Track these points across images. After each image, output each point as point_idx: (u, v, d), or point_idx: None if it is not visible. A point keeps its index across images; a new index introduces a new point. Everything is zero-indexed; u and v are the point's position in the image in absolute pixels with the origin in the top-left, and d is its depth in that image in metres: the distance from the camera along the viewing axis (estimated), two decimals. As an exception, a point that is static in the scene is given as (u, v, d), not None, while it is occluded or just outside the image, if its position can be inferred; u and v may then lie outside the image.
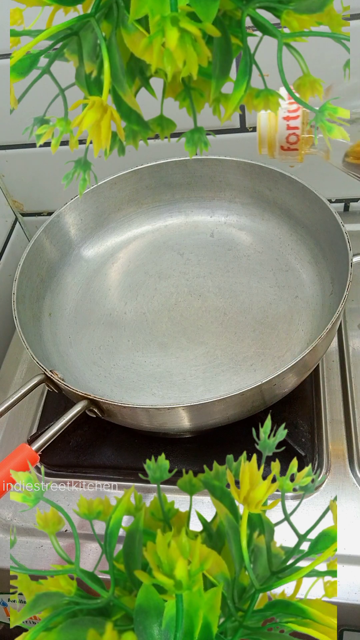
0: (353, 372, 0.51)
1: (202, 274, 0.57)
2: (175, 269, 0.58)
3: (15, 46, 0.25)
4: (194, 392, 0.48)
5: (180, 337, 0.52)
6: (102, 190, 0.57)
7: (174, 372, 0.50)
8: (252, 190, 0.57)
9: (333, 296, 0.49)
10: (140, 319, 0.55)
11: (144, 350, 0.52)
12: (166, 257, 0.60)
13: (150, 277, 0.58)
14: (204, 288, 0.56)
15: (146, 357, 0.51)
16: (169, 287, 0.57)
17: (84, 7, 0.24)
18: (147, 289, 0.57)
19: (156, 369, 0.50)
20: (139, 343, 0.53)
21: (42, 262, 0.55)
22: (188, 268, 0.58)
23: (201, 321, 0.53)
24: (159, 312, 0.55)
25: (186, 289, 0.56)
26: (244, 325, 0.52)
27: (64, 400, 0.50)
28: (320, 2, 0.22)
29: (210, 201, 0.60)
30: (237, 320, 0.53)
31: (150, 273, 0.59)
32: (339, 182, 0.63)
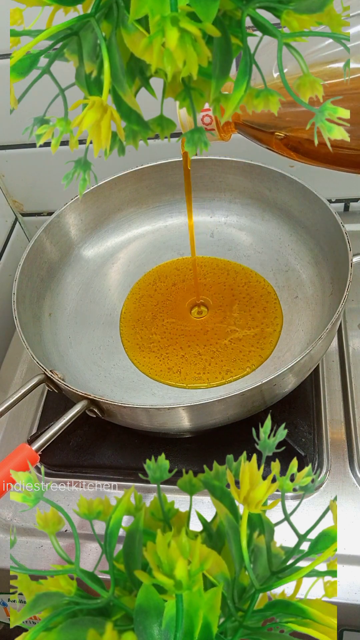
0: (353, 372, 0.51)
1: (202, 274, 0.57)
2: (175, 269, 0.58)
3: (15, 46, 0.25)
4: (194, 392, 0.48)
5: (180, 336, 0.52)
6: (102, 191, 0.57)
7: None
8: (252, 190, 0.57)
9: (333, 296, 0.49)
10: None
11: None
12: (166, 257, 0.60)
13: (150, 278, 0.58)
14: (204, 288, 0.56)
15: (146, 356, 0.51)
16: (168, 287, 0.57)
17: (84, 7, 0.24)
18: (147, 289, 0.57)
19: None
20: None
21: (42, 262, 0.55)
22: (188, 268, 0.58)
23: (201, 321, 0.53)
24: (159, 312, 0.55)
25: (185, 288, 0.56)
26: (244, 325, 0.52)
27: (64, 400, 0.50)
28: (320, 2, 0.22)
29: (210, 201, 0.60)
30: (237, 321, 0.53)
31: (150, 273, 0.59)
32: (339, 182, 0.63)
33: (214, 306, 0.54)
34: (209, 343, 0.51)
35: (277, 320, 0.52)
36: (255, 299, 0.54)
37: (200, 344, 0.51)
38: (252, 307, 0.53)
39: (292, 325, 0.51)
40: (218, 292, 0.55)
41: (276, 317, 0.52)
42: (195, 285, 0.55)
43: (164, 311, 0.55)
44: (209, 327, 0.53)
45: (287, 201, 0.55)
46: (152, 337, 0.53)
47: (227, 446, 0.47)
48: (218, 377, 0.49)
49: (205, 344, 0.51)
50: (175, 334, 0.53)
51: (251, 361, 0.49)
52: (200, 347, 0.51)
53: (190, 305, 0.55)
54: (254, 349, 0.50)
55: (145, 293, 0.57)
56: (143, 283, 0.58)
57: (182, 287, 0.57)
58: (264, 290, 0.54)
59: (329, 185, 0.63)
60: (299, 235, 0.56)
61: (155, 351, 0.52)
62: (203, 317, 0.54)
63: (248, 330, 0.52)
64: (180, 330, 0.53)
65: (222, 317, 0.53)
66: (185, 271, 0.58)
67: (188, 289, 0.56)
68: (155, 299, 0.56)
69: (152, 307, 0.56)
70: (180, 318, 0.54)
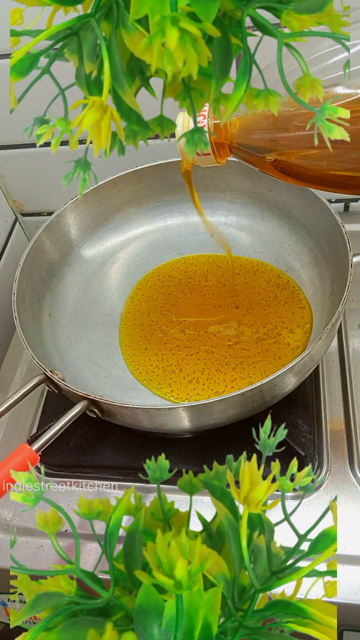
0: (353, 372, 0.51)
1: (202, 274, 0.57)
2: (175, 269, 0.58)
3: (15, 46, 0.25)
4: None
5: (180, 337, 0.52)
6: (102, 191, 0.57)
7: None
8: (252, 190, 0.57)
9: (333, 296, 0.49)
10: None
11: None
12: (166, 257, 0.60)
13: (150, 278, 0.58)
14: (204, 288, 0.56)
15: (147, 356, 0.51)
16: (168, 287, 0.57)
17: (84, 7, 0.24)
18: (147, 289, 0.57)
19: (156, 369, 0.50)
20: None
21: (42, 262, 0.55)
22: (188, 268, 0.58)
23: (201, 321, 0.53)
24: (159, 312, 0.55)
25: (186, 289, 0.56)
26: (244, 325, 0.52)
27: (64, 400, 0.50)
28: (320, 2, 0.22)
29: (211, 201, 0.60)
30: (237, 321, 0.53)
31: (150, 273, 0.59)
32: (339, 182, 0.63)
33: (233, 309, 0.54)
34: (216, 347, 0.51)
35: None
36: (281, 300, 0.53)
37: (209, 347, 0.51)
38: (270, 312, 0.53)
39: (292, 325, 0.51)
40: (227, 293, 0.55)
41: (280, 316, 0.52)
42: (231, 285, 0.55)
43: (166, 311, 0.55)
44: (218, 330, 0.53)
45: (287, 201, 0.55)
46: (153, 337, 0.53)
47: (227, 446, 0.47)
48: (221, 383, 0.49)
49: (212, 348, 0.51)
50: (177, 338, 0.53)
51: (252, 372, 0.49)
52: (208, 352, 0.51)
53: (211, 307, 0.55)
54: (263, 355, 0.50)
55: (146, 293, 0.57)
56: (143, 283, 0.58)
57: (183, 287, 0.57)
58: (289, 291, 0.54)
59: (329, 185, 0.63)
60: (299, 235, 0.56)
61: (153, 354, 0.52)
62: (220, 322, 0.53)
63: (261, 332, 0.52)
64: (185, 334, 0.53)
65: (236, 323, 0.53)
66: (186, 271, 0.58)
67: (189, 289, 0.56)
68: (155, 299, 0.56)
69: (152, 307, 0.56)
70: (179, 318, 0.54)
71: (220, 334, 0.52)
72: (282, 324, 0.51)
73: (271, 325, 0.51)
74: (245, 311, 0.53)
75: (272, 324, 0.51)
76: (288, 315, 0.52)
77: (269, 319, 0.52)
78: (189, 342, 0.52)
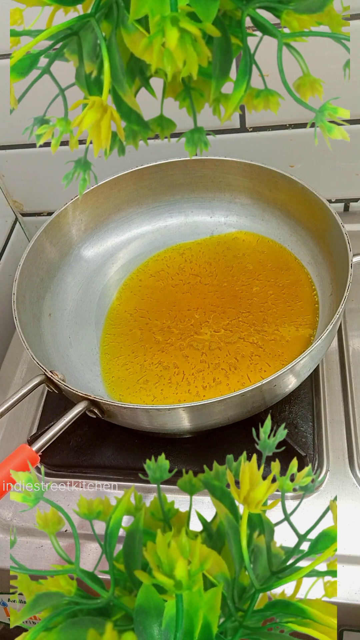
0: (353, 372, 0.51)
1: (202, 274, 0.57)
2: (175, 269, 0.58)
3: (15, 46, 0.25)
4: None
5: (180, 337, 0.52)
6: (102, 191, 0.57)
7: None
8: (252, 190, 0.57)
9: (333, 296, 0.49)
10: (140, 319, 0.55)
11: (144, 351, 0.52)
12: (166, 257, 0.60)
13: (150, 278, 0.58)
14: (204, 288, 0.56)
15: (146, 357, 0.51)
16: (168, 287, 0.57)
17: (84, 7, 0.24)
18: (147, 289, 0.57)
19: (156, 369, 0.50)
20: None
21: (42, 262, 0.55)
22: (188, 268, 0.58)
23: (201, 321, 0.53)
24: (159, 312, 0.55)
25: (186, 289, 0.56)
26: (244, 325, 0.52)
27: (64, 400, 0.50)
28: (320, 2, 0.22)
29: (210, 201, 0.60)
30: (237, 320, 0.53)
31: (150, 273, 0.59)
32: (339, 182, 0.63)
33: (221, 310, 0.54)
34: (210, 348, 0.51)
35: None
36: (281, 300, 0.53)
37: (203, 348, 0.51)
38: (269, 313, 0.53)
39: (292, 325, 0.51)
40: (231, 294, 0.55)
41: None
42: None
43: (166, 311, 0.55)
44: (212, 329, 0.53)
45: (287, 201, 0.55)
46: (151, 337, 0.53)
47: (227, 446, 0.47)
48: (221, 384, 0.49)
49: (207, 349, 0.51)
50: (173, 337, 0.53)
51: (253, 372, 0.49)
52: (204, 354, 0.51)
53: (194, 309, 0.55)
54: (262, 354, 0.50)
55: (146, 292, 0.57)
56: (143, 283, 0.58)
57: (183, 287, 0.57)
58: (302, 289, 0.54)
59: (329, 185, 0.63)
60: (299, 235, 0.56)
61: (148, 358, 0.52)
62: (207, 320, 0.54)
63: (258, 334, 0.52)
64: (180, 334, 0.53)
65: (226, 322, 0.53)
66: (186, 271, 0.58)
67: (190, 289, 0.56)
68: (156, 299, 0.56)
69: (152, 307, 0.56)
70: (179, 318, 0.54)
71: (220, 334, 0.52)
72: (282, 324, 0.51)
73: (271, 326, 0.51)
74: (245, 311, 0.53)
75: (273, 324, 0.51)
76: (288, 316, 0.52)
77: (269, 319, 0.52)
78: (189, 342, 0.52)
